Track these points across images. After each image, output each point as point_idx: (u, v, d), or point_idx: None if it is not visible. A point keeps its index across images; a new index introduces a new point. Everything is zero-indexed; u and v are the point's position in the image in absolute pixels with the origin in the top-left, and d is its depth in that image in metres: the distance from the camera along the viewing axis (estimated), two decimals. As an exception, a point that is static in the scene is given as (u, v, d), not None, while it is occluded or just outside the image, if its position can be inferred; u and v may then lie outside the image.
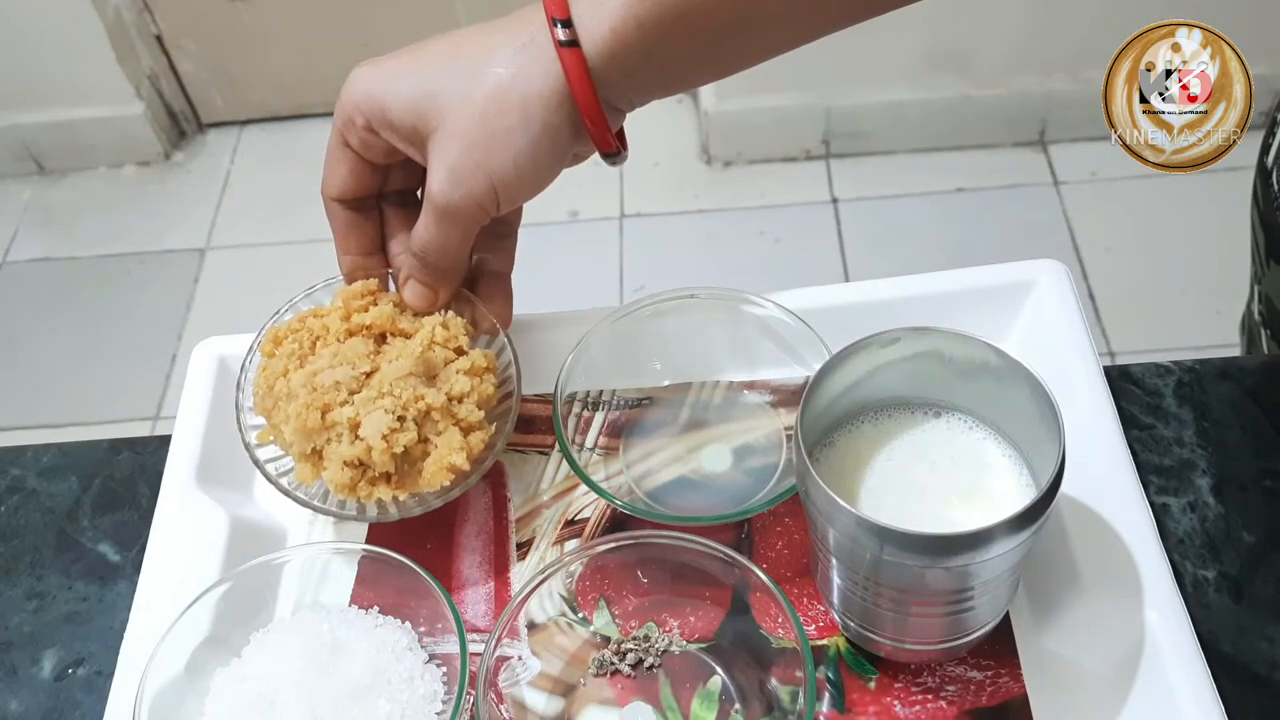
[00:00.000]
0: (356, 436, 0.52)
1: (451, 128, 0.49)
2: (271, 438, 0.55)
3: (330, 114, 0.53)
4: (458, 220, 0.51)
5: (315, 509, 0.55)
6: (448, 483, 0.53)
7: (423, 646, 0.52)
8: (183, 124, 2.05)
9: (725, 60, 0.50)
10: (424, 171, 0.51)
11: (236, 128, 2.07)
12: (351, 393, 0.53)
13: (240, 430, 0.56)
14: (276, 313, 0.58)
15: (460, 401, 0.54)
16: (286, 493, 0.55)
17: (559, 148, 0.50)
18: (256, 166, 2.00)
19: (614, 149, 0.52)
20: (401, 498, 0.53)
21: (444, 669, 0.51)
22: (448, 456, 0.53)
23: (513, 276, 0.60)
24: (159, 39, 1.95)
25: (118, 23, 1.88)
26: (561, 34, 0.47)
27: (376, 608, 0.53)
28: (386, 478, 0.53)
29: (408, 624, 0.53)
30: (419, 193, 0.56)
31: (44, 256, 1.92)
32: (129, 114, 1.95)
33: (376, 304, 0.56)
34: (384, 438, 0.52)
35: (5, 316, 1.84)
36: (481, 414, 0.54)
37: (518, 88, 0.48)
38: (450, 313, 0.57)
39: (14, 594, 0.59)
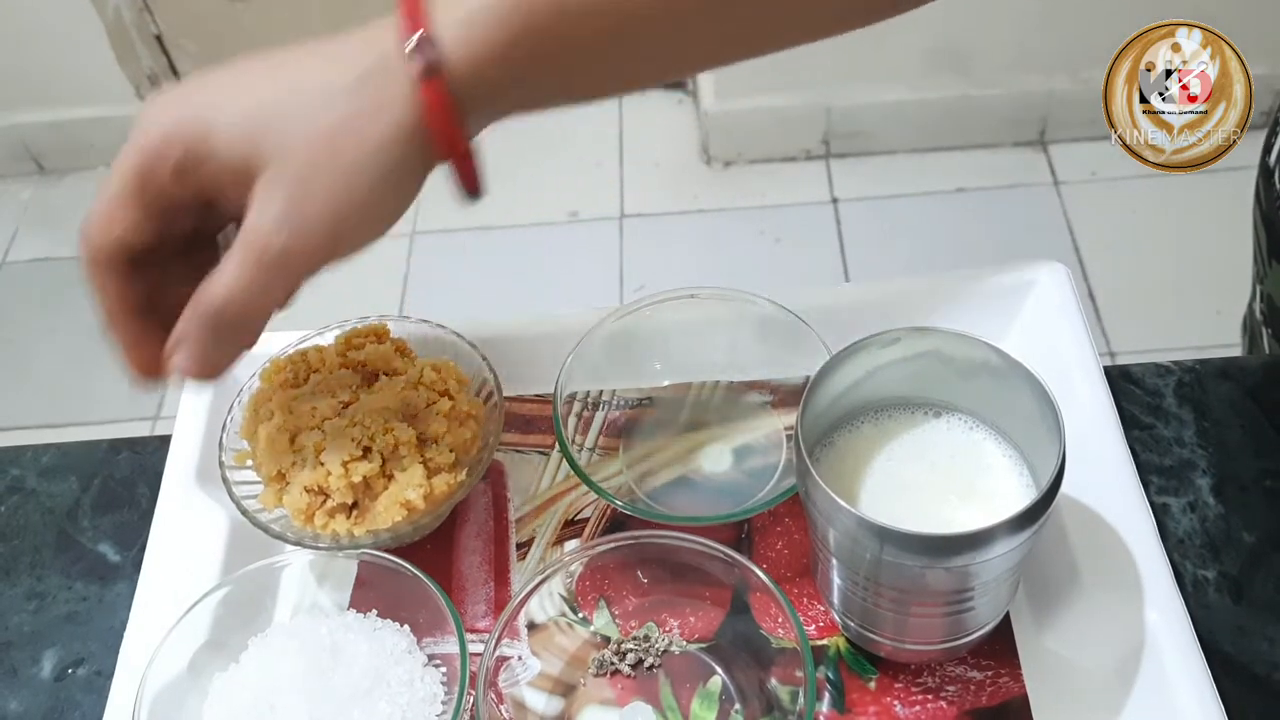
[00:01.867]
0: (319, 462, 0.52)
1: (291, 164, 0.41)
2: (249, 460, 0.55)
3: None
4: (286, 269, 0.42)
5: (270, 533, 0.54)
6: (399, 519, 0.52)
7: (422, 648, 0.52)
8: (183, 124, 2.05)
9: (604, 79, 0.45)
10: (209, 216, 0.44)
11: (236, 128, 2.07)
12: (325, 420, 0.53)
13: (220, 450, 0.56)
14: (285, 347, 0.58)
15: (435, 443, 0.54)
16: (246, 514, 0.54)
17: (412, 187, 0.44)
18: None
19: (478, 191, 0.45)
20: (358, 533, 0.53)
21: (444, 670, 0.51)
22: (404, 491, 0.52)
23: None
24: (159, 39, 1.95)
25: (118, 23, 1.88)
26: (418, 62, 0.40)
27: (375, 611, 0.53)
28: (347, 510, 0.53)
29: (406, 627, 0.52)
30: (221, 235, 0.48)
31: (44, 256, 1.92)
32: (129, 114, 1.93)
33: (381, 343, 0.57)
34: (344, 465, 0.52)
35: (5, 316, 1.84)
36: (453, 457, 0.54)
37: (368, 121, 0.41)
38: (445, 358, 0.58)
39: (14, 594, 0.59)
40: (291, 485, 0.53)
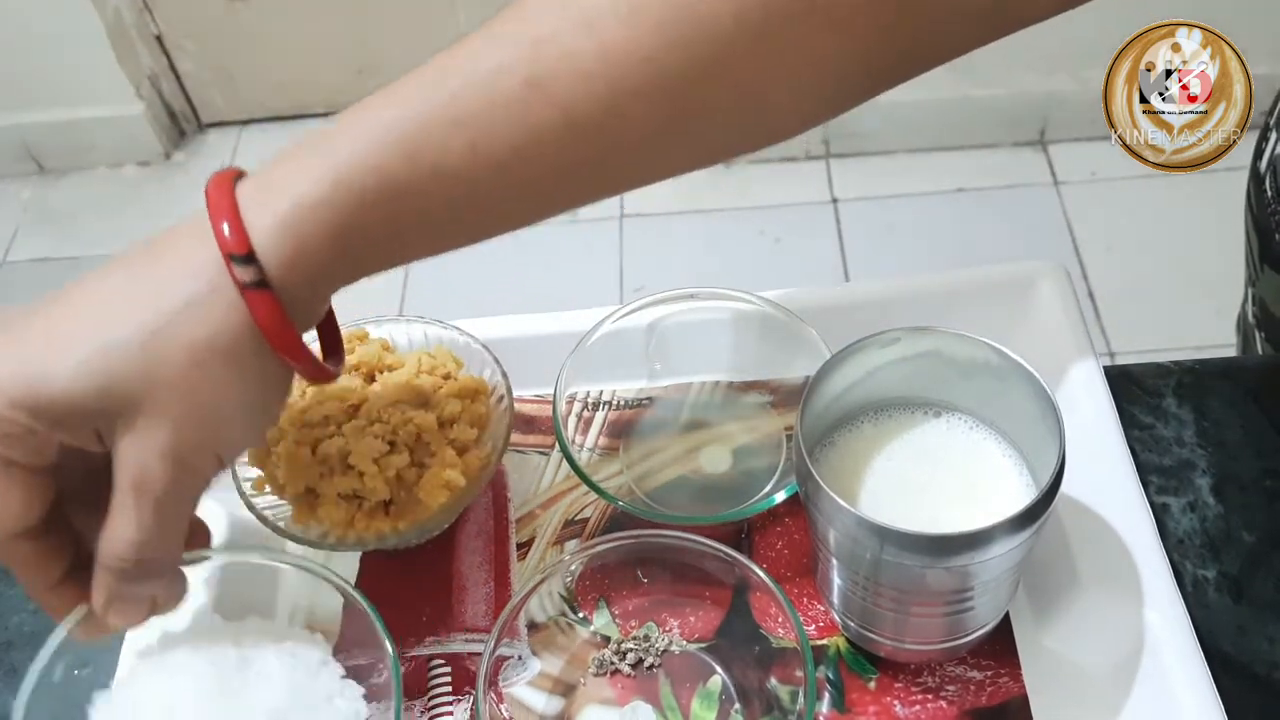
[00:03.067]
0: (348, 467, 0.52)
1: (152, 408, 0.38)
2: (266, 487, 0.54)
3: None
4: (180, 504, 0.41)
5: (315, 545, 0.53)
6: (445, 500, 0.52)
7: (338, 659, 0.49)
8: (183, 124, 2.05)
9: (444, 242, 0.43)
10: (103, 455, 0.40)
11: (236, 128, 2.07)
12: (340, 425, 0.53)
13: (235, 481, 0.54)
14: None
15: (452, 425, 0.54)
16: (283, 533, 0.53)
17: (281, 391, 0.42)
18: (256, 166, 2.00)
19: (330, 376, 0.44)
20: (402, 528, 0.53)
21: (363, 687, 0.48)
22: (443, 474, 0.52)
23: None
24: (159, 39, 1.95)
25: (118, 23, 1.88)
26: (243, 275, 0.38)
27: (287, 615, 0.51)
28: (384, 508, 0.53)
29: (317, 634, 0.49)
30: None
31: (44, 256, 1.92)
32: (129, 114, 1.95)
33: (363, 343, 0.57)
34: (375, 463, 0.52)
35: (5, 316, 1.84)
36: (475, 433, 0.54)
37: (219, 347, 0.39)
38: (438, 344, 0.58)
39: (14, 594, 0.59)
40: (323, 497, 0.52)
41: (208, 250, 0.38)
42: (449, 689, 0.52)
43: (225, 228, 0.38)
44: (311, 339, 0.45)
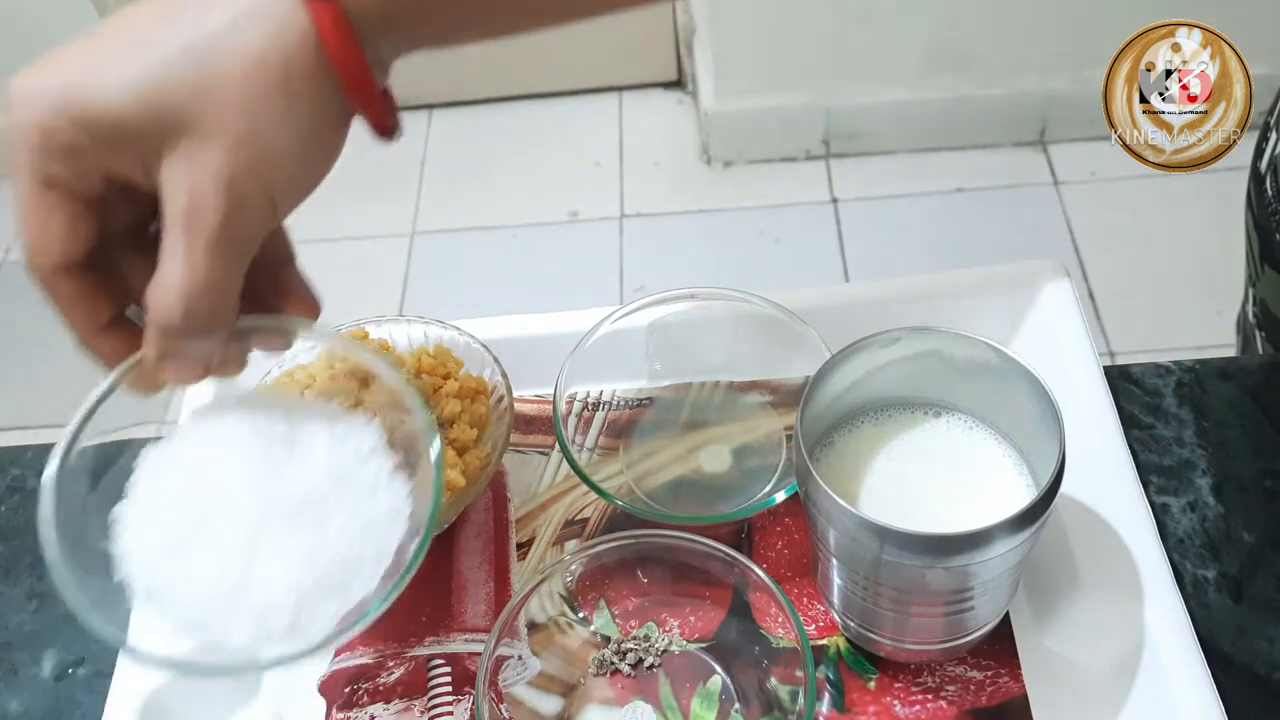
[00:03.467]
0: None
1: (202, 126, 0.36)
2: None
3: None
4: (233, 245, 0.38)
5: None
6: (445, 500, 0.52)
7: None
8: (183, 124, 2.05)
9: (507, 9, 0.41)
10: (150, 196, 0.38)
11: (236, 128, 2.07)
12: None
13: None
14: (266, 373, 0.58)
15: (452, 425, 0.54)
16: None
17: (335, 126, 0.39)
18: None
19: (390, 124, 0.40)
20: None
21: (411, 483, 0.45)
22: (443, 474, 0.52)
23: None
24: (159, 39, 1.95)
25: (118, 23, 1.88)
26: None
27: (338, 400, 0.48)
28: None
29: (375, 421, 0.46)
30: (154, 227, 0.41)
31: (44, 256, 1.92)
32: (129, 114, 1.95)
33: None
34: None
35: (5, 316, 1.84)
36: (475, 433, 0.54)
37: (273, 61, 0.36)
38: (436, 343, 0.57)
39: (14, 594, 0.59)
40: None
41: None
42: (449, 689, 0.52)
43: None
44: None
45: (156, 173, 0.37)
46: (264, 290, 0.43)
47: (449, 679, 0.53)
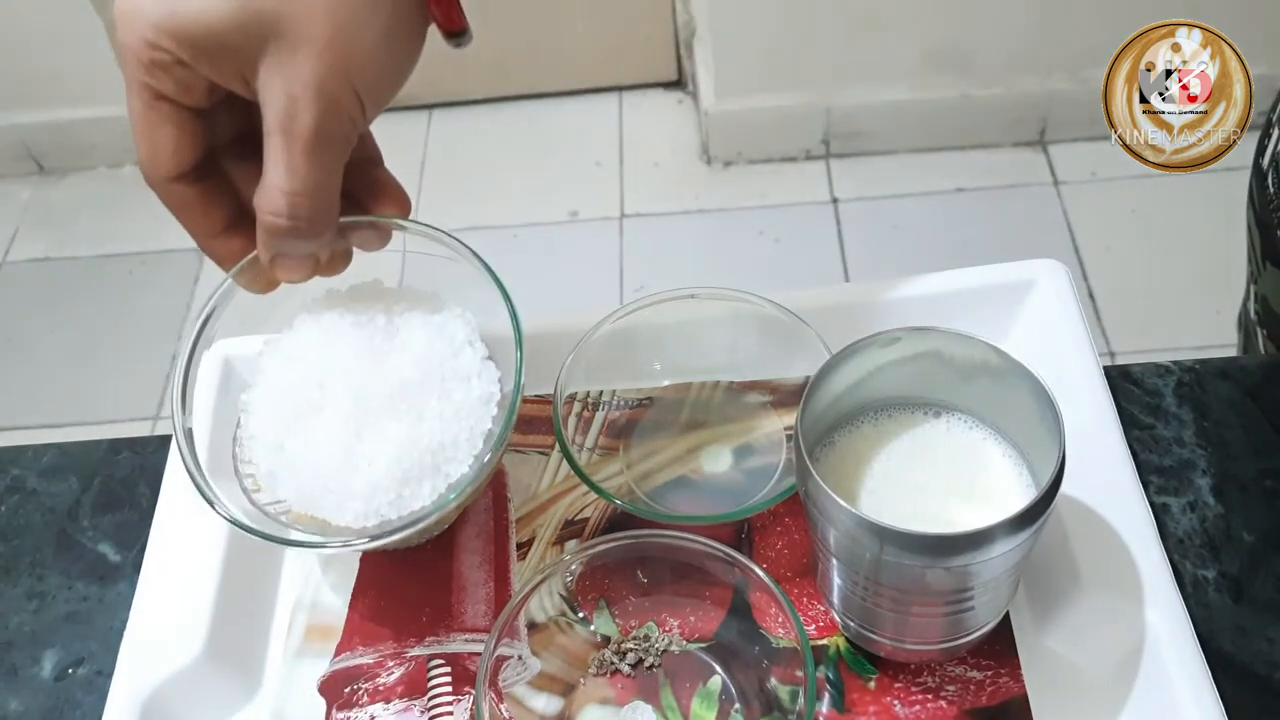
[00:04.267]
0: None
1: (292, 33, 0.39)
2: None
3: None
4: (329, 147, 0.41)
5: (317, 545, 0.52)
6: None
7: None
8: (182, 124, 2.05)
9: None
10: (254, 107, 0.41)
11: (236, 128, 2.07)
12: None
13: (237, 478, 0.53)
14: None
15: None
16: (281, 534, 0.51)
17: (414, 28, 0.42)
18: None
19: (460, 25, 0.42)
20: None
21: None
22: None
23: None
24: (159, 39, 1.95)
25: (118, 23, 1.87)
26: None
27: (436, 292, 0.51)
28: None
29: (468, 313, 0.49)
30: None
31: (44, 256, 1.92)
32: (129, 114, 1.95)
33: None
34: None
35: (5, 316, 1.84)
36: None
37: None
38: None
39: (14, 594, 0.59)
40: None
41: None
42: (449, 689, 0.52)
43: None
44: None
45: (255, 81, 0.40)
46: (357, 190, 0.46)
47: (449, 679, 0.53)
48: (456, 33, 0.43)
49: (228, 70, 0.40)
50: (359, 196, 0.46)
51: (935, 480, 0.48)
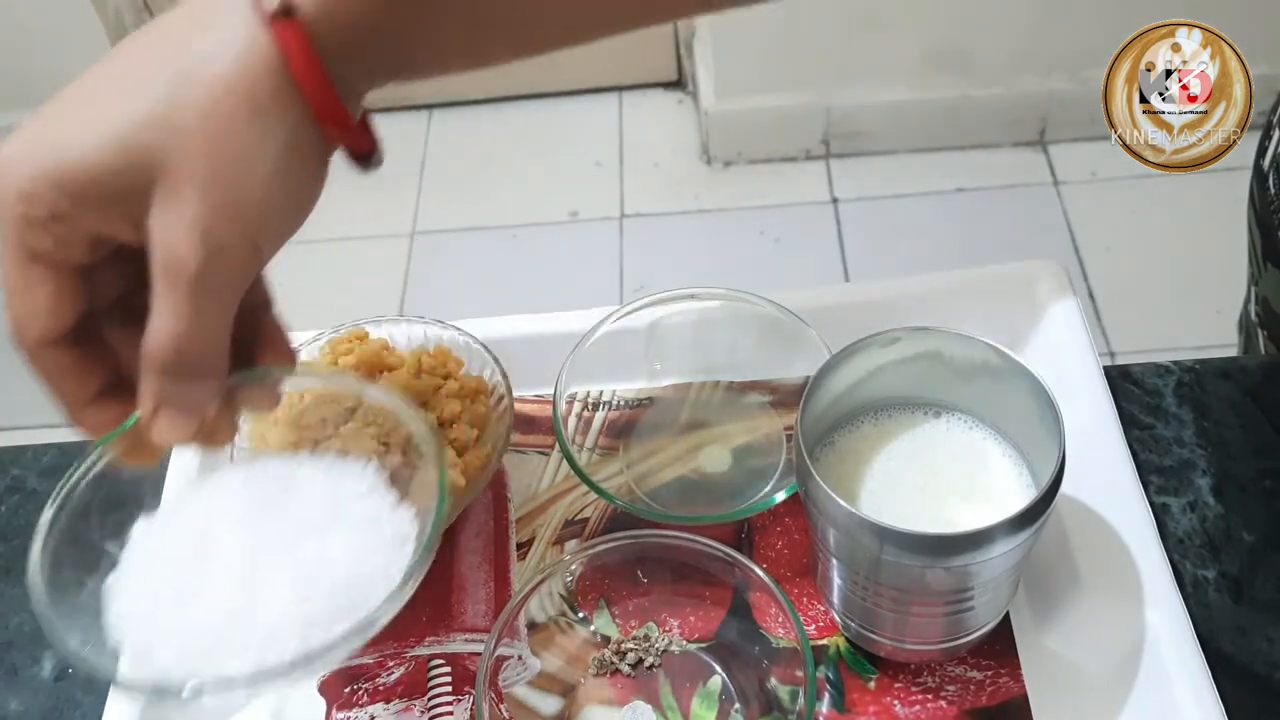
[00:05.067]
0: None
1: (175, 172, 0.35)
2: None
3: None
4: (217, 293, 0.37)
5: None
6: (447, 507, 0.52)
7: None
8: (183, 124, 2.05)
9: (485, 35, 0.39)
10: (137, 263, 0.38)
11: (236, 128, 2.07)
12: (338, 427, 0.53)
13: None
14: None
15: (452, 425, 0.54)
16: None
17: (313, 156, 0.38)
18: None
19: (368, 148, 0.39)
20: None
21: (415, 509, 0.44)
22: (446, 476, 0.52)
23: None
24: (159, 39, 1.95)
25: (118, 23, 1.87)
26: (269, 6, 0.35)
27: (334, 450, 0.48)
28: None
29: (373, 462, 0.46)
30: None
31: (44, 256, 1.92)
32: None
33: (365, 345, 0.57)
34: None
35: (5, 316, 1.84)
36: (475, 433, 0.54)
37: (240, 89, 0.35)
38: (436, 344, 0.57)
39: (14, 594, 0.59)
40: None
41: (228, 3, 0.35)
42: (449, 689, 0.52)
43: None
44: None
45: (142, 225, 0.36)
46: (245, 337, 0.42)
47: (449, 679, 0.53)
48: (365, 155, 0.39)
49: (114, 216, 0.36)
50: (246, 345, 0.42)
51: (935, 480, 0.48)
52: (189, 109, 0.35)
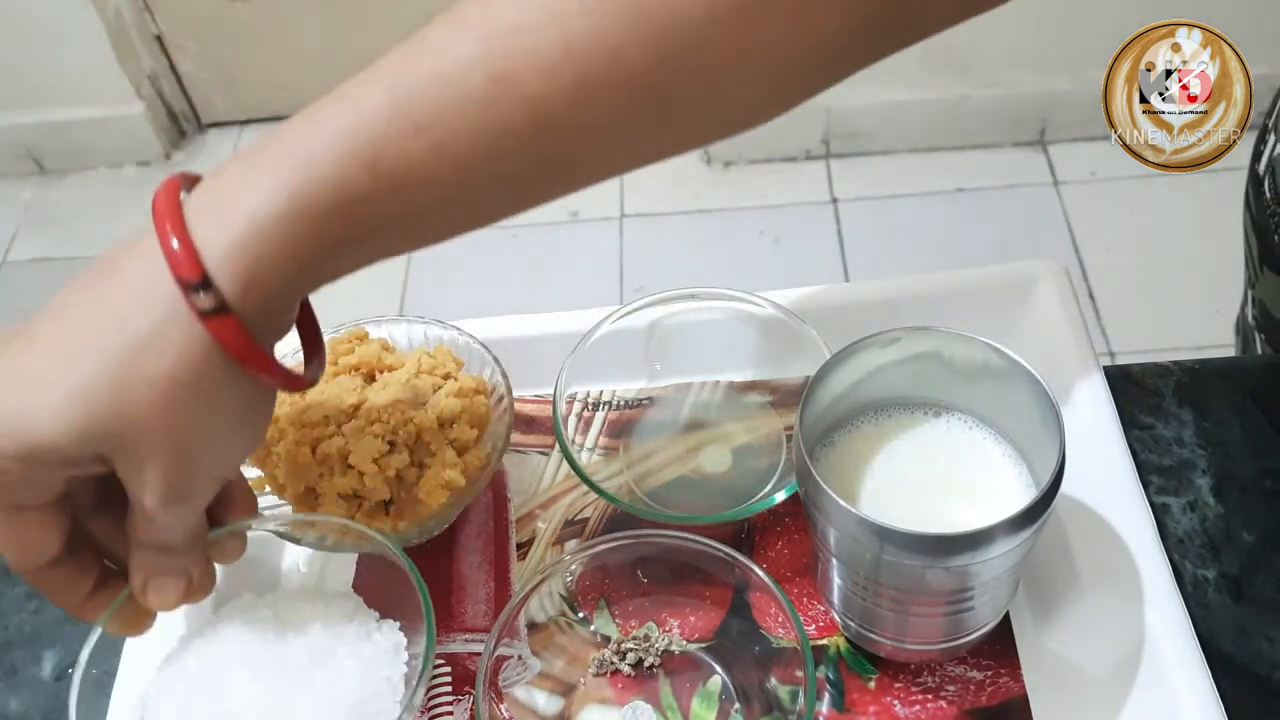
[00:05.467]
0: (348, 467, 0.52)
1: (137, 448, 0.39)
2: (266, 487, 0.54)
3: None
4: (187, 515, 0.43)
5: (315, 547, 0.53)
6: (445, 500, 0.52)
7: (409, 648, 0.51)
8: (183, 124, 2.05)
9: (407, 245, 0.41)
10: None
11: (236, 128, 2.07)
12: (340, 425, 0.53)
13: None
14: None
15: (452, 424, 0.54)
16: (284, 536, 0.53)
17: (263, 406, 0.42)
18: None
19: (305, 383, 0.42)
20: (402, 528, 0.53)
21: (400, 623, 0.49)
22: (443, 474, 0.52)
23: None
24: (159, 39, 1.95)
25: (118, 23, 1.88)
26: (201, 302, 0.37)
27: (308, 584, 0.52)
28: (384, 508, 0.53)
29: (348, 591, 0.51)
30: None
31: (44, 256, 1.92)
32: (129, 114, 1.95)
33: (365, 345, 0.57)
34: (375, 462, 0.52)
35: (5, 316, 1.84)
36: (475, 432, 0.54)
37: (185, 379, 0.38)
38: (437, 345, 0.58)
39: (14, 594, 0.59)
40: (323, 497, 0.52)
41: (162, 279, 0.37)
42: (449, 689, 0.52)
43: (177, 252, 0.36)
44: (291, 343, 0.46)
45: (112, 466, 0.40)
46: (212, 504, 0.45)
47: (449, 679, 0.53)
48: (303, 388, 0.43)
49: (81, 467, 0.40)
50: (216, 508, 0.46)
51: (935, 480, 0.48)
52: (143, 404, 0.38)
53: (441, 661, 0.53)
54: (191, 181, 0.39)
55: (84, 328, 0.38)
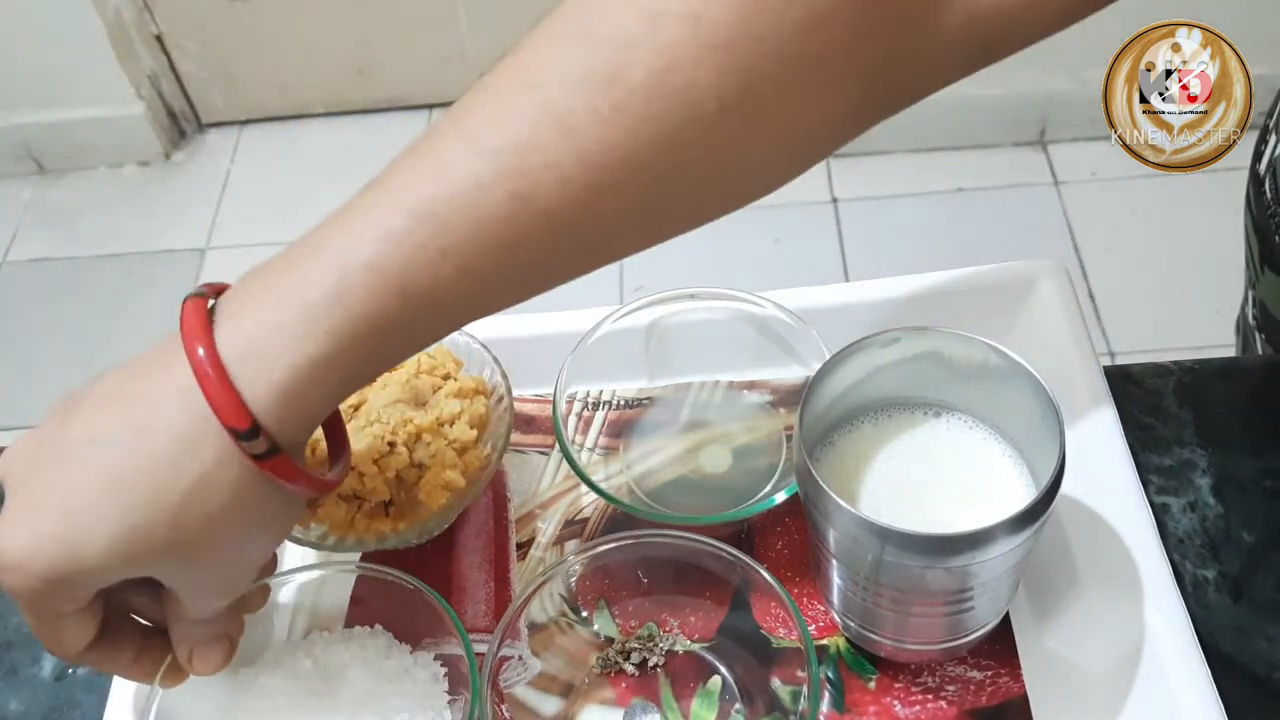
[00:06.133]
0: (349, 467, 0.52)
1: (190, 564, 0.41)
2: None
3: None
4: (228, 599, 0.46)
5: (315, 546, 0.53)
6: (444, 501, 0.53)
7: (422, 648, 0.51)
8: (183, 124, 2.05)
9: (430, 342, 0.43)
10: None
11: (236, 128, 2.06)
12: None
13: None
14: None
15: (451, 425, 0.54)
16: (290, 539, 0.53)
17: (298, 504, 0.44)
18: (256, 166, 2.00)
19: (330, 485, 0.45)
20: (402, 528, 0.53)
21: (439, 658, 0.51)
22: (443, 474, 0.52)
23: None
24: (159, 39, 1.95)
25: (118, 23, 1.87)
26: (253, 448, 0.38)
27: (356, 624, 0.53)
28: (384, 509, 0.53)
29: (378, 626, 0.52)
30: None
31: (44, 256, 1.92)
32: (129, 114, 1.95)
33: None
34: (375, 463, 0.52)
35: (5, 316, 1.84)
36: (474, 433, 0.54)
37: (236, 510, 0.40)
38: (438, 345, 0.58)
39: (14, 594, 0.59)
40: (323, 498, 0.52)
41: (209, 423, 0.38)
42: (448, 689, 0.52)
43: (225, 405, 0.38)
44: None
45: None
46: None
47: (448, 679, 0.53)
48: (330, 489, 0.45)
49: (117, 582, 0.42)
50: None
51: (935, 480, 0.48)
52: (195, 533, 0.39)
53: (442, 661, 0.53)
54: (213, 294, 0.41)
55: (131, 465, 0.39)
